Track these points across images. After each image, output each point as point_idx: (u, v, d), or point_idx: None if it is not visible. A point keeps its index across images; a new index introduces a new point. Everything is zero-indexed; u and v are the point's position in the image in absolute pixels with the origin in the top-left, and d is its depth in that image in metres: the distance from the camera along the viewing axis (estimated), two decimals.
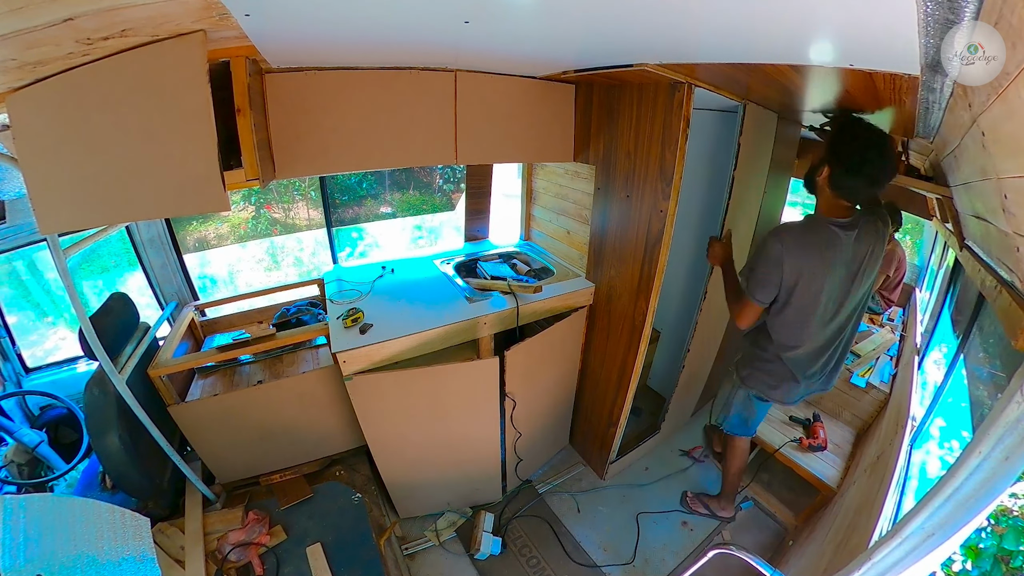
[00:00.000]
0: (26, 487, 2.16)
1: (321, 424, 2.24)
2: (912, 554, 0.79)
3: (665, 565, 2.33)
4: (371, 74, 1.63)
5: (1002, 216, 0.86)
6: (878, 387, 2.51)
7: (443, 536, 2.41)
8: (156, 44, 1.05)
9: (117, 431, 1.67)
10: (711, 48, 1.19)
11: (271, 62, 1.42)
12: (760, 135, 2.17)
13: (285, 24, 1.09)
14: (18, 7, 0.74)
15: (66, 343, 2.95)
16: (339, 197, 3.24)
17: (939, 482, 0.77)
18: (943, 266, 2.81)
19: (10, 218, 2.20)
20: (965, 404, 1.93)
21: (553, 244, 2.77)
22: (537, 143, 2.16)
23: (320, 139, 1.63)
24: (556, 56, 1.61)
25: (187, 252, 2.70)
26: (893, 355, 2.83)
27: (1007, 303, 0.94)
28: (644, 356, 2.19)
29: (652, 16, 0.98)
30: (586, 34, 1.23)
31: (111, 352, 1.60)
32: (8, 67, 0.96)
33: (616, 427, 2.47)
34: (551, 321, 2.27)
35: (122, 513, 1.51)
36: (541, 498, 2.67)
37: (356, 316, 1.95)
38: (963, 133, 0.94)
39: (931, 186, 1.71)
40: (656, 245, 1.90)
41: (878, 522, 1.44)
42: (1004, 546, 2.15)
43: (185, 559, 1.69)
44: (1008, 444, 0.68)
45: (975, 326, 1.89)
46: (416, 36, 1.28)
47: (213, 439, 2.06)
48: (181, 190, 1.21)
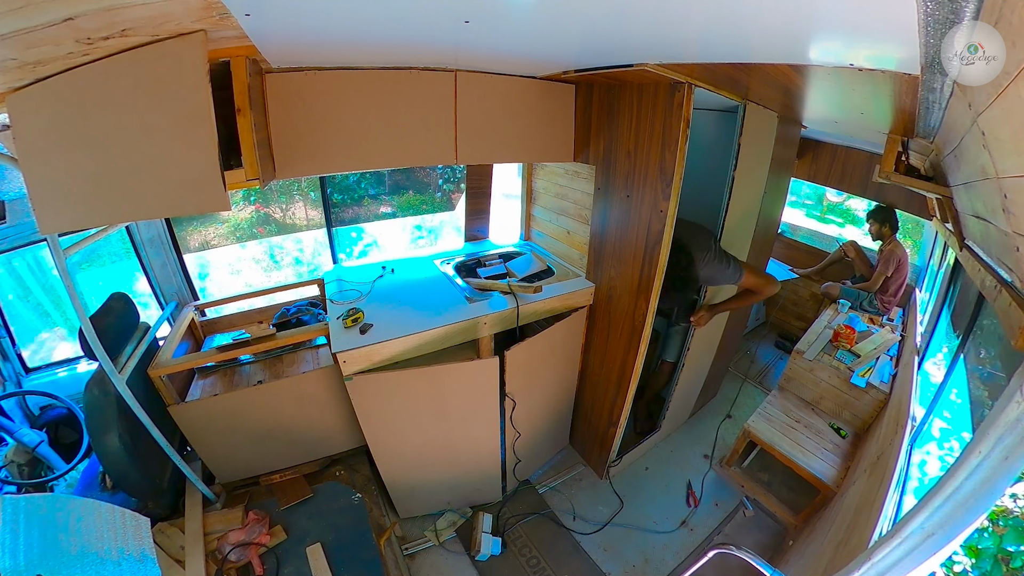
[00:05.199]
0: (26, 487, 2.16)
1: (321, 424, 2.24)
2: (912, 554, 0.79)
3: (665, 565, 2.33)
4: (371, 74, 1.63)
5: (1002, 216, 0.86)
6: (878, 387, 2.51)
7: (443, 536, 2.41)
8: (156, 44, 1.04)
9: (117, 431, 1.67)
10: (711, 48, 1.19)
11: (271, 62, 1.42)
12: (760, 135, 2.17)
13: (285, 24, 1.09)
14: (18, 7, 0.74)
15: (66, 343, 2.95)
16: (339, 197, 3.24)
17: (939, 482, 0.77)
18: (943, 266, 2.81)
19: (10, 218, 2.20)
20: (965, 404, 1.93)
21: (553, 244, 2.77)
22: (537, 143, 2.16)
23: (320, 139, 1.63)
24: (556, 56, 1.61)
25: (187, 252, 2.69)
26: (893, 355, 2.83)
27: (1007, 303, 0.94)
28: (644, 356, 2.19)
29: (652, 16, 0.98)
30: (586, 34, 1.23)
31: (111, 352, 1.60)
32: (8, 67, 0.96)
33: (616, 427, 2.47)
34: (551, 321, 2.27)
35: (122, 513, 1.52)
36: (541, 498, 2.67)
37: (356, 316, 1.95)
38: (963, 133, 0.94)
39: (931, 186, 1.70)
40: (656, 245, 1.90)
41: (878, 522, 1.44)
42: (1004, 546, 2.15)
43: (185, 559, 1.69)
44: (1008, 444, 0.68)
45: (975, 326, 1.89)
46: (416, 36, 1.28)
47: (213, 439, 2.06)
48: (181, 190, 1.21)
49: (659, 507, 2.63)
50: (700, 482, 2.79)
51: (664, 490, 2.75)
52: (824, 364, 2.72)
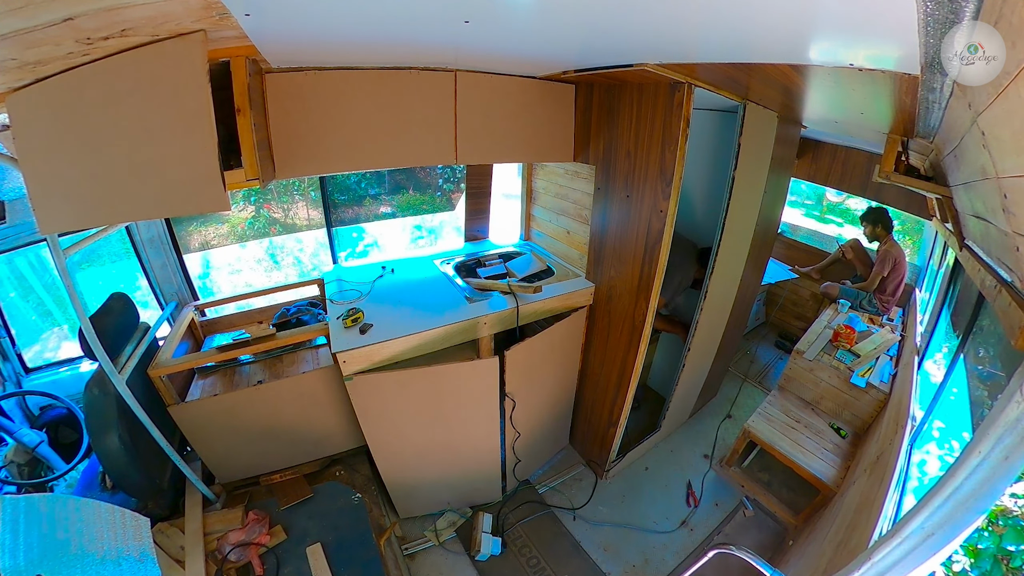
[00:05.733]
0: (26, 487, 2.16)
1: (321, 424, 2.24)
2: (912, 554, 0.79)
3: (665, 565, 2.33)
4: (371, 74, 1.63)
5: (1002, 216, 0.86)
6: (878, 387, 2.51)
7: (443, 536, 2.41)
8: (156, 44, 1.04)
9: (117, 431, 1.67)
10: (711, 48, 1.19)
11: (271, 62, 1.42)
12: (760, 135, 2.17)
13: (285, 24, 1.09)
14: (18, 7, 0.74)
15: (70, 342, 2.95)
16: (339, 197, 3.23)
17: (939, 482, 0.77)
18: (943, 266, 2.81)
19: (10, 218, 2.19)
20: (965, 404, 1.93)
21: (553, 244, 2.77)
22: (537, 143, 2.16)
23: (320, 139, 1.63)
24: (556, 56, 1.60)
25: (188, 252, 2.69)
26: (893, 355, 2.83)
27: (1007, 303, 0.94)
28: (644, 356, 2.19)
29: (652, 16, 0.98)
30: (586, 34, 1.23)
31: (111, 352, 1.60)
32: (8, 67, 0.96)
33: (616, 427, 2.47)
34: (551, 321, 2.27)
35: (122, 513, 1.51)
36: (541, 498, 2.67)
37: (356, 316, 1.95)
38: (963, 133, 0.94)
39: (931, 186, 1.70)
40: (656, 245, 1.90)
41: (878, 522, 1.44)
42: (1004, 546, 2.15)
43: (185, 559, 1.69)
44: (1008, 444, 0.68)
45: (975, 326, 1.89)
46: (416, 36, 1.28)
47: (213, 439, 2.06)
48: (181, 190, 1.21)
49: (659, 507, 2.63)
50: (700, 482, 2.79)
51: (664, 490, 2.75)
52: (824, 364, 2.72)
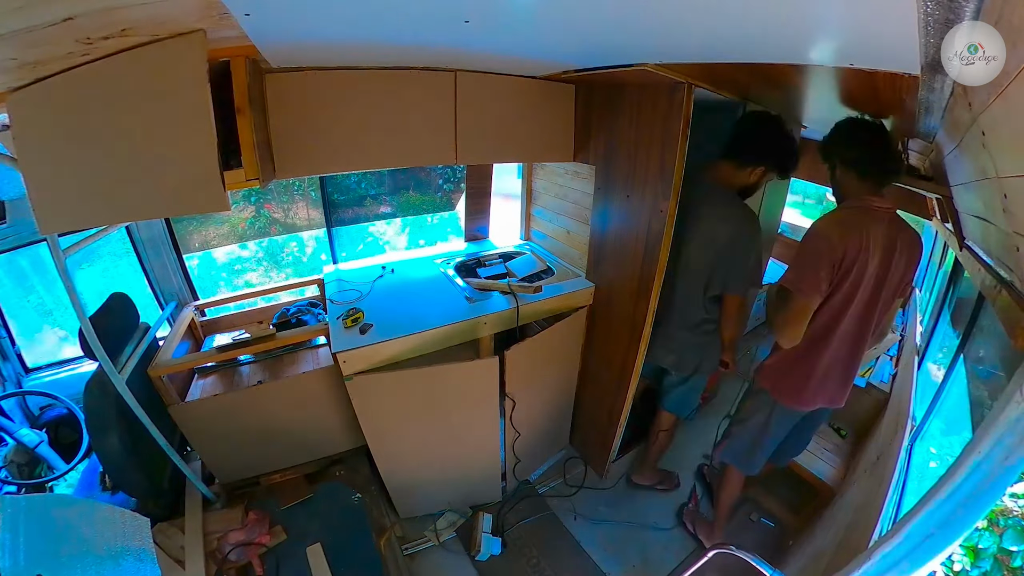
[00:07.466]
0: (26, 487, 2.16)
1: (321, 424, 2.24)
2: (912, 554, 0.79)
3: (665, 565, 2.33)
4: (371, 74, 1.63)
5: (1002, 216, 0.86)
6: (878, 387, 2.51)
7: (443, 536, 2.41)
8: (156, 44, 1.04)
9: (117, 431, 1.67)
10: (711, 48, 1.19)
11: (271, 62, 1.42)
12: None
13: (285, 24, 1.09)
14: (18, 7, 0.74)
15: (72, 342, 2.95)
16: (339, 197, 3.23)
17: (939, 482, 0.77)
18: (943, 266, 2.81)
19: (10, 218, 2.20)
20: (965, 404, 1.93)
21: (553, 244, 2.77)
22: (537, 143, 2.16)
23: (320, 139, 1.63)
24: (556, 56, 1.61)
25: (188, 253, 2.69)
26: (893, 355, 2.83)
27: (1007, 303, 0.94)
28: (644, 356, 2.19)
29: (652, 16, 0.98)
30: (586, 34, 1.23)
31: (111, 352, 1.60)
32: (8, 67, 0.96)
33: (616, 427, 2.47)
34: (551, 321, 2.27)
35: (122, 513, 1.51)
36: (541, 498, 2.67)
37: (356, 316, 1.95)
38: (963, 133, 0.94)
39: (931, 186, 1.70)
40: (656, 245, 1.90)
41: (878, 522, 1.44)
42: (1004, 546, 2.15)
43: (185, 559, 1.69)
44: (1008, 444, 0.68)
45: (975, 326, 1.89)
46: (416, 36, 1.28)
47: (213, 439, 2.06)
48: (181, 190, 1.21)
49: (659, 507, 2.63)
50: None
51: (664, 489, 2.74)
52: None
